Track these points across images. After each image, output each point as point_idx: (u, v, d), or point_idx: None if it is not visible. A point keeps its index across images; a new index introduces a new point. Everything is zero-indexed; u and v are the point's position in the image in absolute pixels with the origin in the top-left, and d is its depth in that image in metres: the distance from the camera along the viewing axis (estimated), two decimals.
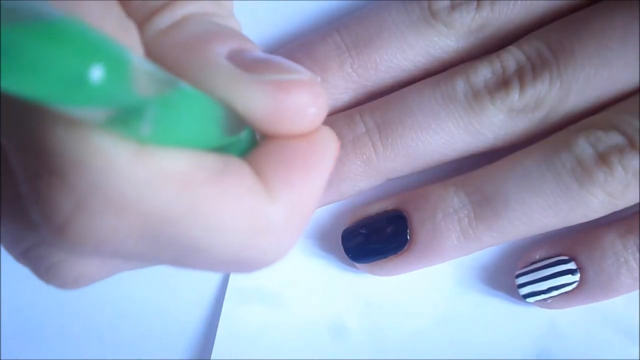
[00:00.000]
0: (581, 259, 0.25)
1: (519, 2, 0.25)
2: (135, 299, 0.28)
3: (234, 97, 0.16)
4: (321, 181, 0.16)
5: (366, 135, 0.25)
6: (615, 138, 0.23)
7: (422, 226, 0.25)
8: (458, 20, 0.25)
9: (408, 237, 0.25)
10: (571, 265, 0.25)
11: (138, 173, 0.13)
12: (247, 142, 0.17)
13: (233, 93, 0.15)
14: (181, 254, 0.15)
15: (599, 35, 0.23)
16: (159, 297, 0.28)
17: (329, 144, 0.17)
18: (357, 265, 0.26)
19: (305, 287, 0.27)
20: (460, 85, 0.24)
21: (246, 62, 0.16)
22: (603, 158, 0.23)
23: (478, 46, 0.25)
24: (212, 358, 0.27)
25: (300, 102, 0.16)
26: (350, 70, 0.25)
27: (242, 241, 0.15)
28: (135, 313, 0.28)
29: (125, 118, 0.12)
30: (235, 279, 0.27)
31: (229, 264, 0.16)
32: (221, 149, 0.16)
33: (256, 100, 0.15)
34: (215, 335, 0.27)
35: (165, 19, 0.17)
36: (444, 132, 0.25)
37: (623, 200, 0.23)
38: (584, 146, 0.23)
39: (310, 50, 0.26)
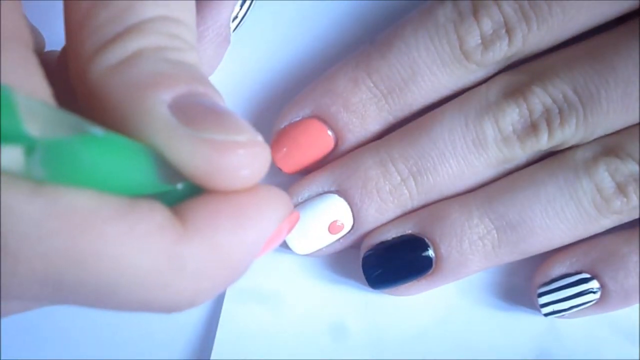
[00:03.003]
0: (604, 278, 0.25)
1: (549, 34, 0.24)
2: None
3: (168, 151, 0.16)
4: (256, 234, 0.16)
5: (402, 186, 0.25)
6: (631, 167, 0.24)
7: (449, 254, 0.25)
8: (491, 58, 0.25)
9: (432, 262, 0.25)
10: (593, 284, 0.25)
11: (33, 212, 0.13)
12: (188, 191, 0.17)
13: (167, 147, 0.16)
14: (93, 296, 0.15)
15: (625, 82, 0.24)
16: None
17: (277, 206, 0.17)
18: (379, 291, 0.26)
19: (305, 287, 0.27)
20: (489, 129, 0.25)
21: (189, 113, 0.16)
22: (621, 188, 0.24)
23: (503, 71, 0.26)
24: (212, 358, 0.27)
25: (233, 164, 0.16)
26: (388, 115, 0.26)
27: (152, 280, 0.15)
28: (135, 313, 0.28)
29: (16, 158, 0.13)
30: None
31: (144, 305, 0.16)
32: (161, 196, 0.16)
33: (189, 157, 0.16)
34: (215, 335, 0.27)
35: (116, 54, 0.16)
36: (475, 176, 0.25)
37: (630, 219, 0.25)
38: (603, 175, 0.24)
39: (346, 100, 0.25)
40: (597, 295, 0.25)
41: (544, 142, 0.24)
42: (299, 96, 0.26)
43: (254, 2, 0.27)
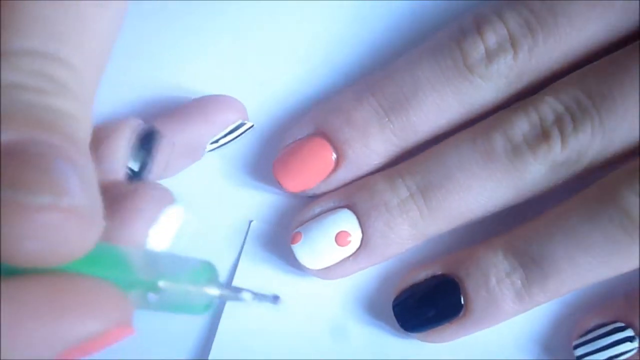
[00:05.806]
0: (639, 326, 0.24)
1: (558, 47, 0.24)
2: None
3: None
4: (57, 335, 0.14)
5: (411, 200, 0.25)
6: None
7: (477, 293, 0.25)
8: (496, 72, 0.24)
9: (462, 303, 0.25)
10: (629, 333, 0.24)
11: None
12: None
13: None
14: None
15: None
16: None
17: (101, 308, 0.15)
18: (412, 335, 0.26)
19: (305, 287, 0.27)
20: (498, 141, 0.24)
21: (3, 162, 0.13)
22: None
23: (516, 93, 0.25)
24: (210, 358, 0.27)
25: (15, 233, 0.13)
26: (391, 134, 0.25)
27: None
28: (135, 313, 0.28)
29: None
30: (236, 279, 0.27)
31: None
32: None
33: None
34: (215, 335, 0.27)
35: None
36: (486, 192, 0.24)
37: None
38: (629, 198, 0.23)
39: (348, 116, 0.25)
40: (636, 344, 0.24)
41: (557, 149, 0.23)
42: (304, 116, 0.26)
43: (239, 137, 0.26)
